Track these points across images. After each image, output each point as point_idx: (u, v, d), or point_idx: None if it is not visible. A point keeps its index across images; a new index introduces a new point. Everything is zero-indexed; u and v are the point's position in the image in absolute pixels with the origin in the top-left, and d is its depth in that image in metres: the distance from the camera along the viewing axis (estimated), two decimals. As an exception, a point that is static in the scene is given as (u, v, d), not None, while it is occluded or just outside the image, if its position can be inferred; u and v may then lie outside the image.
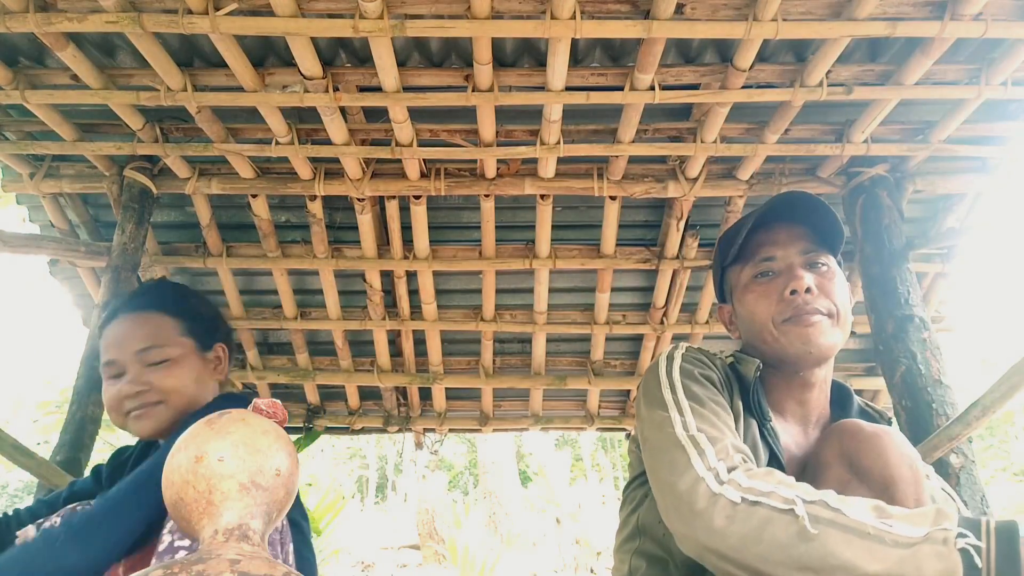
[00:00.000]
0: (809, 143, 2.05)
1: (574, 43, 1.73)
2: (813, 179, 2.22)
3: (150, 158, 2.22)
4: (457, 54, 1.88)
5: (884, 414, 1.23)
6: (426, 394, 3.04)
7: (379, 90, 1.82)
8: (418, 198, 2.25)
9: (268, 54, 1.86)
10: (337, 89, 1.83)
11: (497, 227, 2.38)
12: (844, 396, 1.22)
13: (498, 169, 2.18)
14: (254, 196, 2.26)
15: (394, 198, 2.27)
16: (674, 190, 2.20)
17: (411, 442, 3.45)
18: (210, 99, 1.84)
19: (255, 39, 1.80)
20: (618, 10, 1.63)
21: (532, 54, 1.88)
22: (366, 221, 2.32)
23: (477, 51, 1.69)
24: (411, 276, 2.55)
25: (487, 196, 2.24)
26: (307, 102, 1.82)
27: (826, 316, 1.11)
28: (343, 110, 1.95)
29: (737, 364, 1.16)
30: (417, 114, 1.98)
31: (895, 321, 2.02)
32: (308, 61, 1.71)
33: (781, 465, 1.09)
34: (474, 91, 1.81)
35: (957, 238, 2.21)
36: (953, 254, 2.48)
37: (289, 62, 1.80)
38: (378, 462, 16.17)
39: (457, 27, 1.60)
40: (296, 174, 2.18)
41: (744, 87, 1.80)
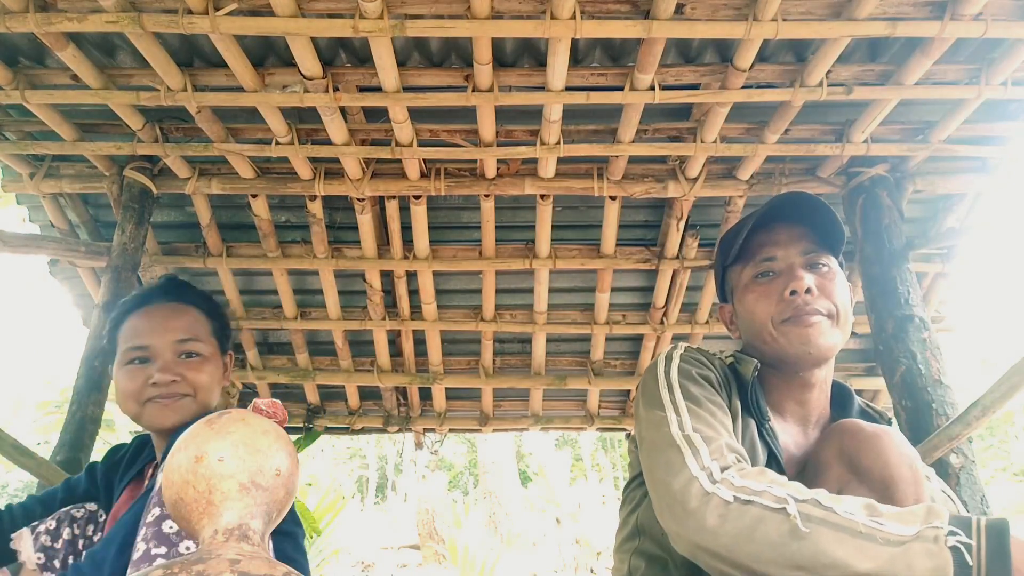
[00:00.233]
0: (809, 143, 2.05)
1: (574, 43, 1.73)
2: (813, 179, 2.22)
3: (150, 158, 2.22)
4: (457, 54, 1.88)
5: (884, 414, 1.23)
6: (426, 394, 3.04)
7: (379, 90, 1.82)
8: (418, 198, 2.25)
9: (268, 54, 1.86)
10: (337, 89, 1.83)
11: (497, 227, 2.38)
12: (844, 396, 1.22)
13: (498, 169, 2.18)
14: (254, 196, 2.26)
15: (394, 198, 2.27)
16: (674, 190, 2.19)
17: (411, 442, 3.45)
18: (210, 99, 1.84)
19: (255, 39, 1.80)
20: (618, 10, 1.63)
21: (532, 54, 1.88)
22: (366, 221, 2.32)
23: (477, 51, 1.69)
24: (411, 276, 2.55)
25: (487, 196, 2.24)
26: (307, 102, 1.82)
27: (826, 317, 1.11)
28: (343, 110, 1.95)
29: (736, 364, 1.16)
30: (417, 114, 1.98)
31: (895, 321, 2.02)
32: (308, 61, 1.71)
33: (780, 465, 1.09)
34: (474, 91, 1.81)
35: (957, 238, 2.21)
36: (953, 254, 2.48)
37: (289, 62, 1.80)
38: (378, 462, 16.18)
39: (457, 27, 1.60)
40: (296, 174, 2.18)
41: (744, 87, 1.80)
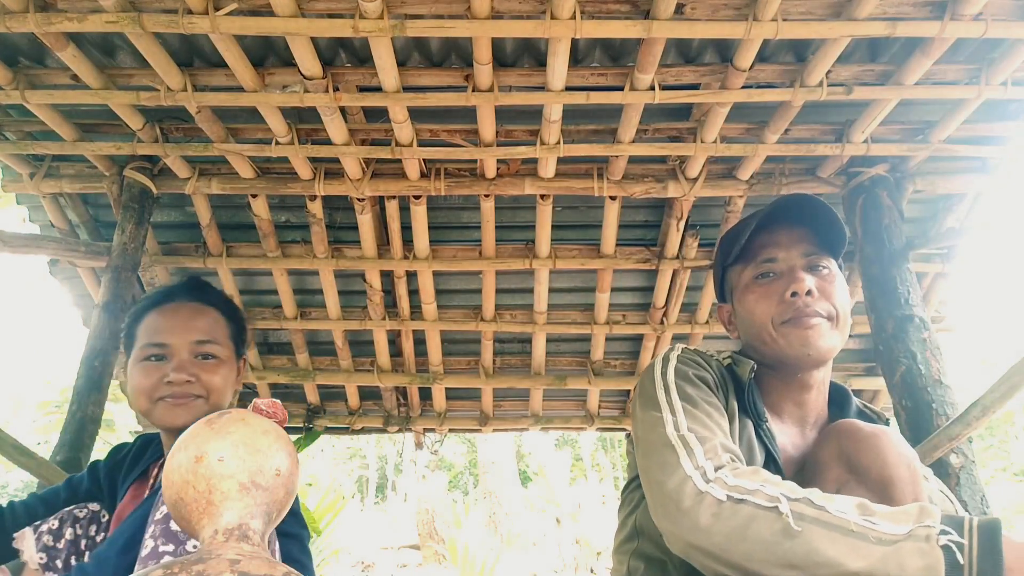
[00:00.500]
0: (809, 143, 2.05)
1: (574, 43, 1.73)
2: (813, 179, 2.22)
3: (150, 158, 2.22)
4: (457, 54, 1.88)
5: (882, 415, 1.23)
6: (426, 394, 3.04)
7: (379, 90, 1.82)
8: (418, 198, 2.25)
9: (268, 54, 1.87)
10: (337, 89, 1.83)
11: (497, 227, 2.38)
12: (842, 397, 1.22)
13: (498, 169, 2.18)
14: (254, 196, 2.26)
15: (394, 198, 2.27)
16: (674, 190, 2.19)
17: (411, 442, 3.45)
18: (210, 99, 1.84)
19: (255, 39, 1.80)
20: (618, 10, 1.63)
21: (532, 54, 1.88)
22: (366, 221, 2.32)
23: (477, 51, 1.69)
24: (411, 276, 2.56)
25: (487, 196, 2.24)
26: (307, 102, 1.82)
27: (826, 319, 1.11)
28: (343, 110, 1.95)
29: (733, 365, 1.17)
30: (417, 114, 1.98)
31: (895, 321, 2.02)
32: (308, 61, 1.71)
33: (778, 466, 1.09)
34: (474, 91, 1.81)
35: (957, 238, 2.21)
36: (953, 254, 2.48)
37: (289, 62, 1.80)
38: (378, 462, 16.18)
39: (457, 27, 1.60)
40: (296, 174, 2.18)
41: (744, 87, 1.80)
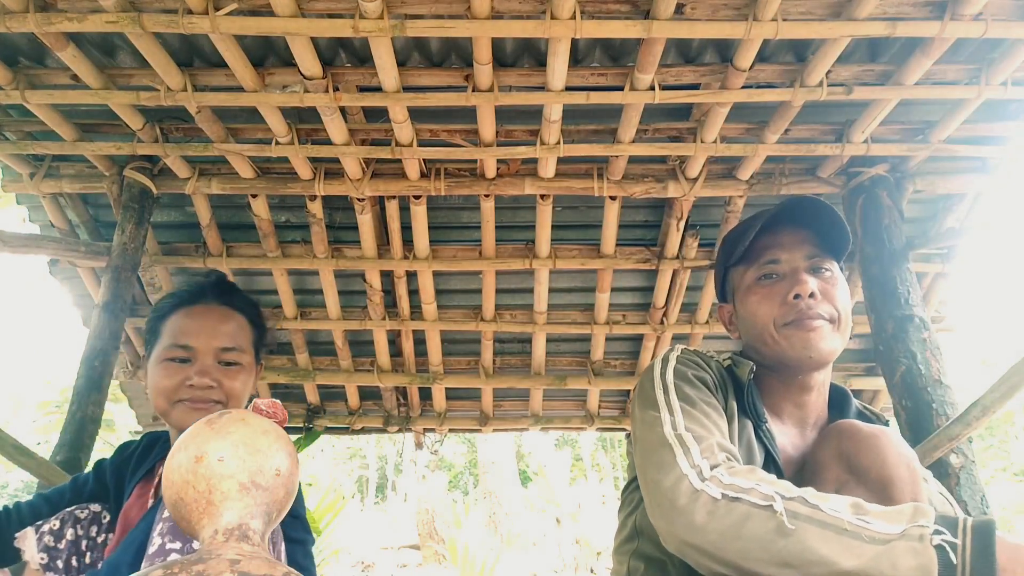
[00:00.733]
0: (809, 143, 2.05)
1: (574, 43, 1.73)
2: (813, 179, 2.22)
3: (150, 158, 2.22)
4: (457, 54, 1.88)
5: (881, 417, 1.23)
6: (426, 394, 3.04)
7: (379, 90, 1.82)
8: (418, 198, 2.25)
9: (268, 54, 1.86)
10: (337, 89, 1.83)
11: (497, 227, 2.38)
12: (842, 399, 1.22)
13: (498, 169, 2.18)
14: (254, 196, 2.26)
15: (394, 198, 2.27)
16: (674, 190, 2.19)
17: (411, 442, 3.45)
18: (210, 99, 1.84)
19: (255, 39, 1.80)
20: (618, 10, 1.63)
21: (532, 54, 1.88)
22: (366, 221, 2.32)
23: (477, 51, 1.69)
24: (411, 276, 2.56)
25: (487, 196, 2.24)
26: (307, 102, 1.82)
27: (828, 321, 1.11)
28: (343, 110, 1.95)
29: (733, 366, 1.17)
30: (417, 114, 1.98)
31: (895, 321, 2.02)
32: (308, 61, 1.71)
33: (777, 466, 1.09)
34: (474, 91, 1.81)
35: (957, 238, 2.21)
36: (953, 254, 2.48)
37: (289, 62, 1.80)
38: (378, 462, 16.17)
39: (457, 27, 1.60)
40: (296, 174, 2.18)
41: (744, 87, 1.80)
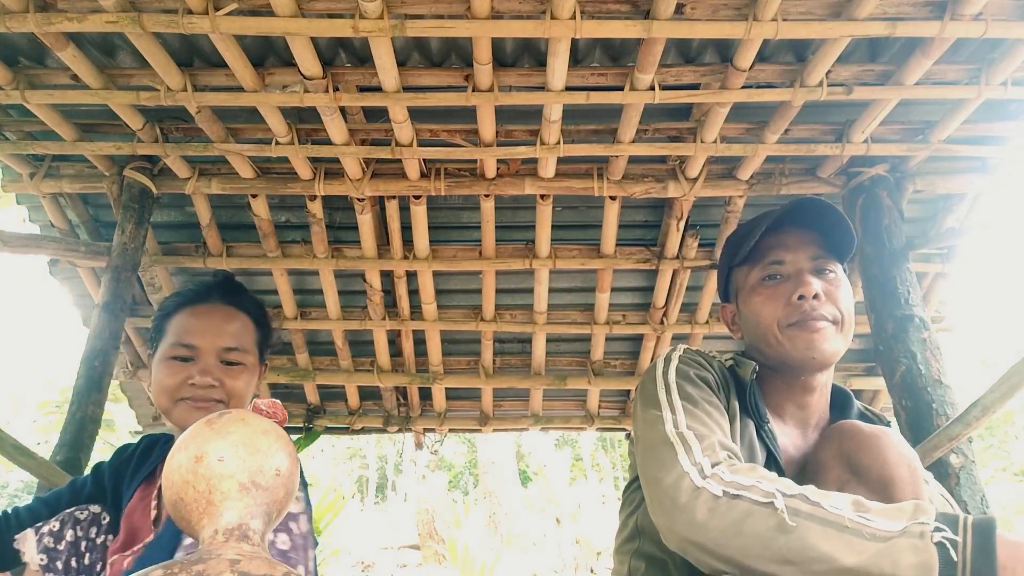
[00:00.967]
0: (809, 143, 2.05)
1: (574, 43, 1.73)
2: (813, 179, 2.22)
3: (150, 158, 2.22)
4: (457, 54, 1.88)
5: (883, 418, 1.23)
6: (426, 394, 3.04)
7: (379, 90, 1.82)
8: (418, 198, 2.25)
9: (268, 54, 1.86)
10: (337, 89, 1.83)
11: (497, 227, 2.38)
12: (844, 400, 1.23)
13: (498, 169, 2.18)
14: (254, 196, 2.26)
15: (394, 198, 2.27)
16: (674, 190, 2.19)
17: (411, 442, 3.45)
18: (210, 99, 1.84)
19: (255, 39, 1.80)
20: (618, 10, 1.63)
21: (532, 54, 1.88)
22: (366, 221, 2.32)
23: (477, 51, 1.69)
24: (411, 276, 2.55)
25: (487, 196, 2.24)
26: (307, 102, 1.82)
27: (831, 323, 1.12)
28: (343, 110, 1.95)
29: (735, 367, 1.17)
30: (417, 114, 1.98)
31: (895, 321, 2.02)
32: (308, 61, 1.71)
33: (779, 466, 1.09)
34: (474, 91, 1.81)
35: (957, 238, 2.21)
36: (953, 254, 2.48)
37: (289, 62, 1.80)
38: (378, 462, 16.17)
39: (457, 27, 1.60)
40: (296, 174, 2.18)
41: (744, 87, 1.80)
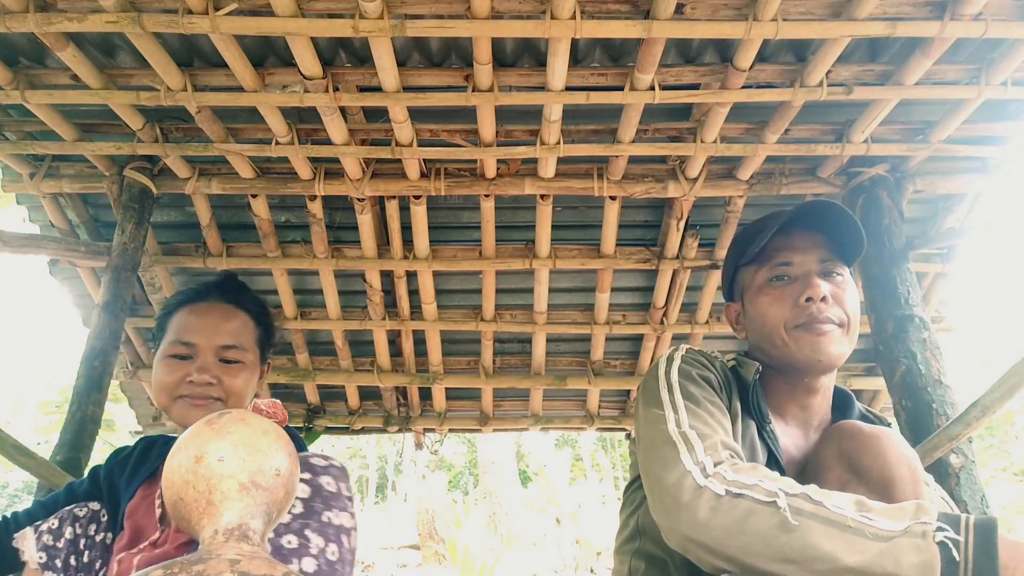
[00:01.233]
0: (809, 143, 2.05)
1: (574, 43, 1.73)
2: (813, 179, 2.22)
3: (150, 158, 2.22)
4: (457, 54, 1.88)
5: (884, 420, 1.23)
6: (426, 394, 3.04)
7: (379, 90, 1.82)
8: (418, 198, 2.25)
9: (268, 54, 1.86)
10: (337, 89, 1.83)
11: (497, 227, 2.38)
12: (845, 401, 1.23)
13: (498, 169, 2.18)
14: (254, 196, 2.26)
15: (394, 198, 2.27)
16: (674, 190, 2.19)
17: (411, 442, 3.45)
18: (210, 99, 1.84)
19: (255, 39, 1.80)
20: (618, 10, 1.63)
21: (532, 54, 1.88)
22: (366, 221, 2.32)
23: (477, 51, 1.69)
24: (411, 276, 2.55)
25: (487, 196, 2.24)
26: (307, 102, 1.82)
27: (837, 326, 1.12)
28: (343, 110, 1.95)
29: (738, 367, 1.17)
30: (417, 114, 1.98)
31: (895, 321, 2.02)
32: (308, 61, 1.71)
33: (780, 466, 1.09)
34: (474, 91, 1.81)
35: (957, 238, 2.21)
36: (953, 254, 2.48)
37: (289, 62, 1.80)
38: (378, 462, 16.17)
39: (457, 27, 1.60)
40: (296, 174, 2.18)
41: (744, 87, 1.80)
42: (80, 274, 2.52)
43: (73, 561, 1.18)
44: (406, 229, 2.38)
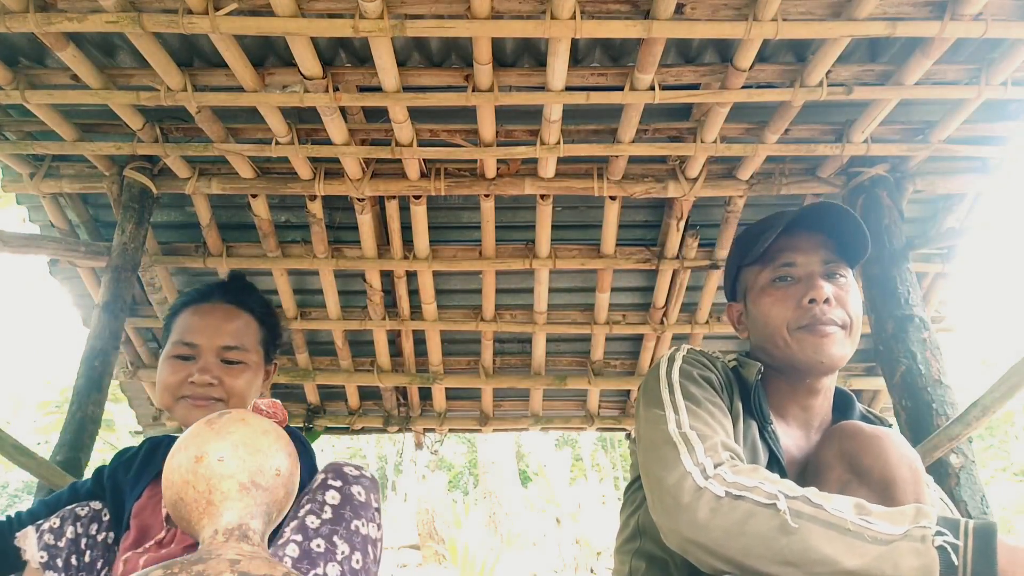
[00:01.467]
0: (809, 143, 2.05)
1: (574, 43, 1.73)
2: (813, 179, 2.22)
3: (150, 158, 2.22)
4: (457, 54, 1.88)
5: (885, 421, 1.23)
6: (426, 394, 3.04)
7: (379, 90, 1.82)
8: (418, 198, 2.25)
9: (268, 54, 1.86)
10: (337, 89, 1.83)
11: (497, 227, 2.38)
12: (846, 402, 1.23)
13: (498, 169, 2.17)
14: (254, 196, 2.26)
15: (394, 198, 2.27)
16: (674, 190, 2.19)
17: (411, 442, 3.45)
18: (210, 99, 1.84)
19: (255, 39, 1.80)
20: (618, 10, 1.63)
21: (532, 54, 1.88)
22: (366, 221, 2.32)
23: (477, 51, 1.69)
24: (411, 276, 2.55)
25: (487, 196, 2.24)
26: (307, 102, 1.82)
27: (840, 328, 1.12)
28: (343, 110, 1.95)
29: (739, 367, 1.17)
30: (417, 114, 1.98)
31: (895, 321, 2.02)
32: (308, 61, 1.71)
33: (781, 467, 1.09)
34: (474, 91, 1.81)
35: (957, 238, 2.21)
36: (953, 254, 2.48)
37: (289, 62, 1.80)
38: (378, 462, 16.16)
39: (457, 27, 1.60)
40: (296, 174, 2.18)
41: (744, 87, 1.80)
42: (80, 274, 2.52)
43: (74, 561, 1.18)
44: (406, 229, 2.38)
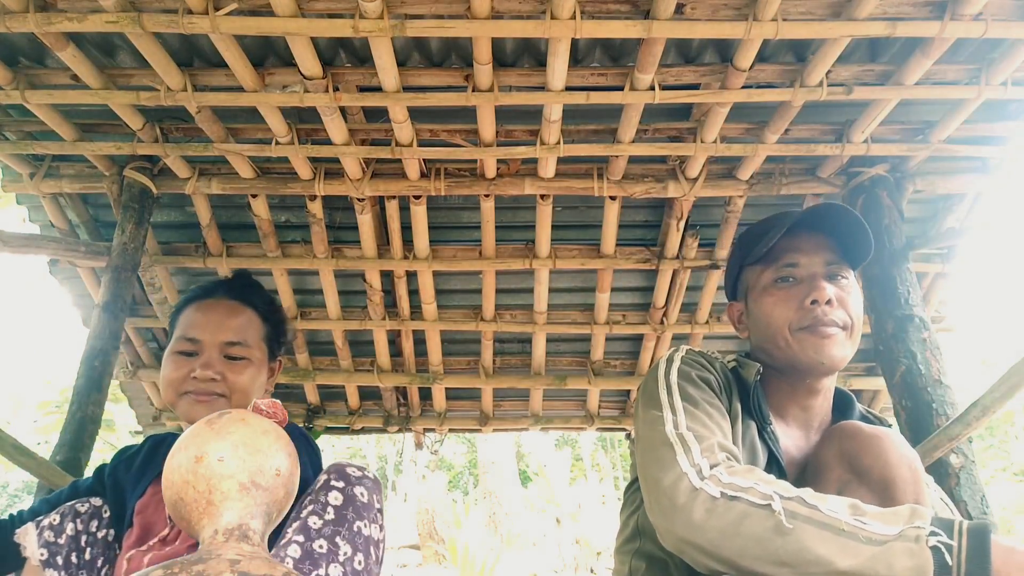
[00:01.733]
0: (809, 143, 2.05)
1: (574, 43, 1.73)
2: (813, 179, 2.22)
3: (150, 158, 2.22)
4: (457, 54, 1.88)
5: (885, 421, 1.23)
6: (426, 394, 3.04)
7: (379, 90, 1.82)
8: (418, 198, 2.25)
9: (268, 54, 1.87)
10: (337, 89, 1.83)
11: (497, 227, 2.38)
12: (846, 403, 1.23)
13: (498, 169, 2.18)
14: (254, 196, 2.26)
15: (394, 198, 2.27)
16: (674, 190, 2.19)
17: (411, 442, 3.45)
18: (210, 99, 1.84)
19: (255, 39, 1.80)
20: (618, 10, 1.63)
21: (532, 54, 1.88)
22: (366, 221, 2.32)
23: (477, 51, 1.69)
24: (411, 276, 2.55)
25: (487, 196, 2.24)
26: (307, 102, 1.82)
27: (841, 329, 1.12)
28: (343, 110, 1.95)
29: (739, 368, 1.17)
30: (417, 114, 1.98)
31: (895, 321, 2.02)
32: (308, 61, 1.71)
33: (780, 467, 1.09)
34: (474, 91, 1.81)
35: (957, 238, 2.21)
36: (953, 254, 2.48)
37: (289, 62, 1.80)
38: (378, 462, 16.16)
39: (457, 27, 1.60)
40: (296, 174, 2.18)
41: (744, 87, 1.80)
42: (80, 274, 2.52)
43: (74, 558, 1.18)
44: (406, 229, 2.38)
